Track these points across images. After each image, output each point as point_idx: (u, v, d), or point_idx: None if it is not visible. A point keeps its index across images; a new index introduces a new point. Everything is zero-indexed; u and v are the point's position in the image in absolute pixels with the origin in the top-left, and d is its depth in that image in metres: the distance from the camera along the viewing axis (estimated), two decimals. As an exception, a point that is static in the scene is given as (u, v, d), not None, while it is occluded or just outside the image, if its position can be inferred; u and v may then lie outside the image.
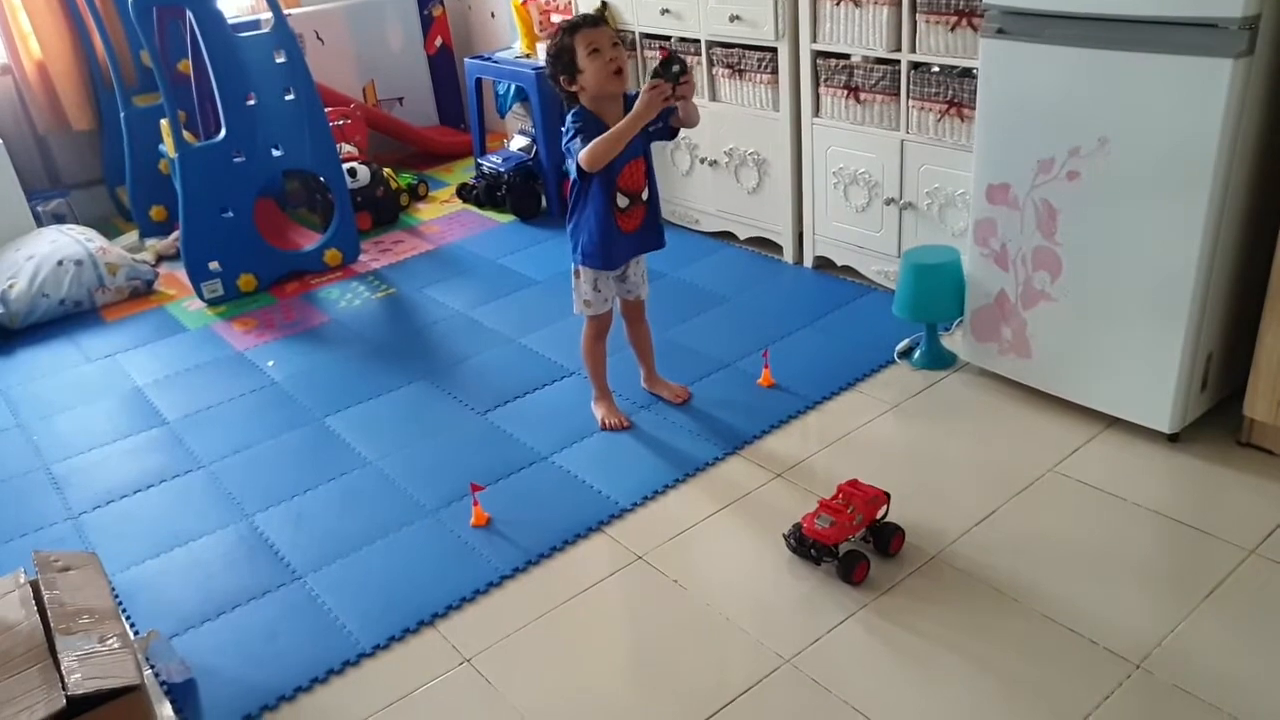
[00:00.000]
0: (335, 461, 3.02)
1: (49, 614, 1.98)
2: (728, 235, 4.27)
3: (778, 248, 4.05)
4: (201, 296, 4.16)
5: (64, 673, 1.81)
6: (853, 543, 2.37)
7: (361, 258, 4.51)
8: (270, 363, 3.69)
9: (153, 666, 2.20)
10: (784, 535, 2.41)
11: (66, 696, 1.76)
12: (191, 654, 2.28)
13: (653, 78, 2.53)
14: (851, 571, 2.27)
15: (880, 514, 2.38)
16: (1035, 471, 2.62)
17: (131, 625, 2.40)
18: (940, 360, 3.19)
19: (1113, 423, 2.76)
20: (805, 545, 2.35)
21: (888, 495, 2.39)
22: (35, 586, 2.09)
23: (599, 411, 3.06)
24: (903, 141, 3.35)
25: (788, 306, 3.67)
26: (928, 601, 2.23)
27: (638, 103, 2.54)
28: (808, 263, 3.94)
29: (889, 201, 3.47)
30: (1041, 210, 2.69)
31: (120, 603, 2.48)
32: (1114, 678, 1.98)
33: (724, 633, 2.21)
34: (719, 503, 2.66)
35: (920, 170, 3.34)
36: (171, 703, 2.15)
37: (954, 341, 3.22)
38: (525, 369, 3.45)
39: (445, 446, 3.05)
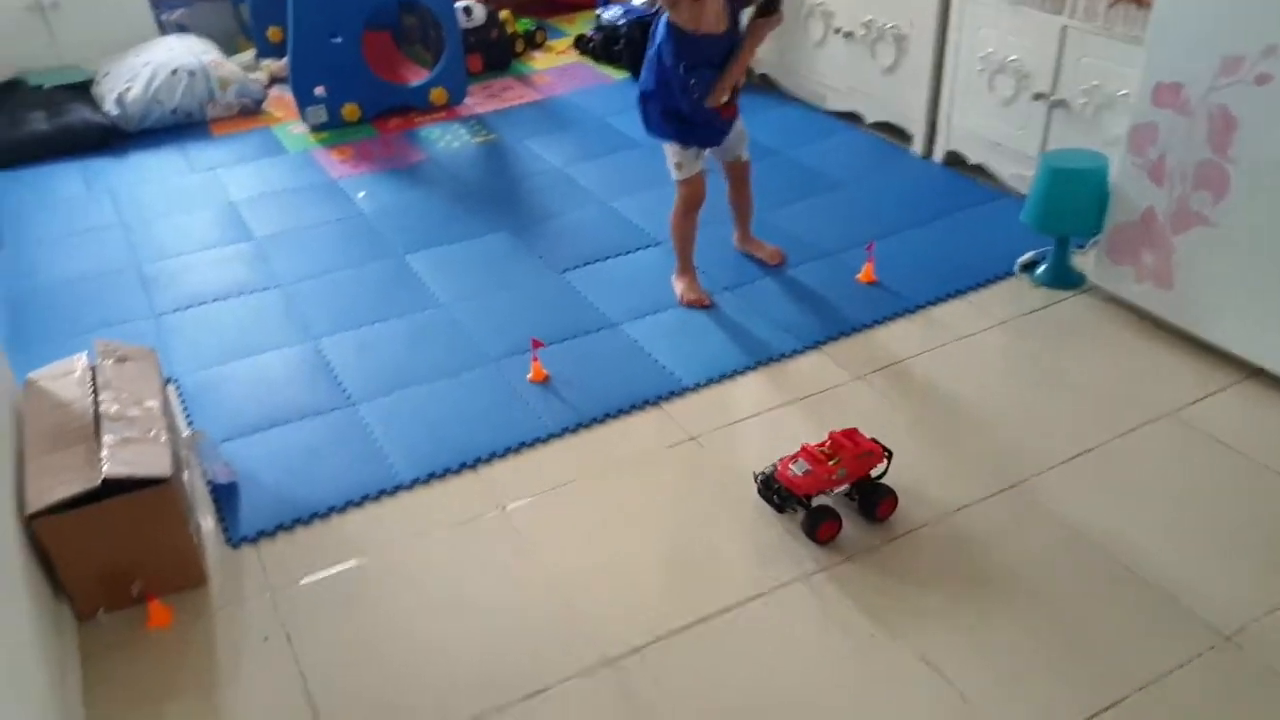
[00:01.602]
0: (407, 299, 2.97)
1: (100, 399, 1.99)
2: (853, 117, 3.95)
3: (906, 136, 3.72)
4: (305, 121, 4.12)
5: (104, 455, 1.82)
6: (831, 497, 2.08)
7: (467, 100, 4.38)
8: (361, 194, 3.64)
9: (200, 465, 2.22)
10: (754, 473, 2.12)
11: (103, 478, 1.77)
12: (240, 460, 2.29)
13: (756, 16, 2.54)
14: (816, 527, 1.99)
15: (875, 472, 2.08)
16: (1150, 413, 2.35)
17: (189, 423, 2.43)
18: (1066, 279, 2.88)
19: (1254, 373, 2.44)
20: (771, 489, 2.07)
21: (887, 453, 2.08)
22: (94, 372, 2.10)
23: (679, 286, 2.90)
24: (1065, 28, 2.95)
25: (906, 201, 3.38)
26: (898, 576, 1.94)
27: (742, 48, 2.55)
28: (937, 156, 3.61)
29: (1038, 96, 3.10)
30: (1216, 118, 2.32)
31: (183, 402, 2.51)
32: (1194, 646, 1.76)
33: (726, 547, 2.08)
34: (786, 396, 2.49)
35: (1079, 63, 2.95)
36: (214, 501, 2.18)
37: (1085, 261, 2.90)
38: (611, 232, 3.29)
39: (517, 299, 2.95)
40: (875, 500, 2.06)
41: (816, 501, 2.03)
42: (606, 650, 1.81)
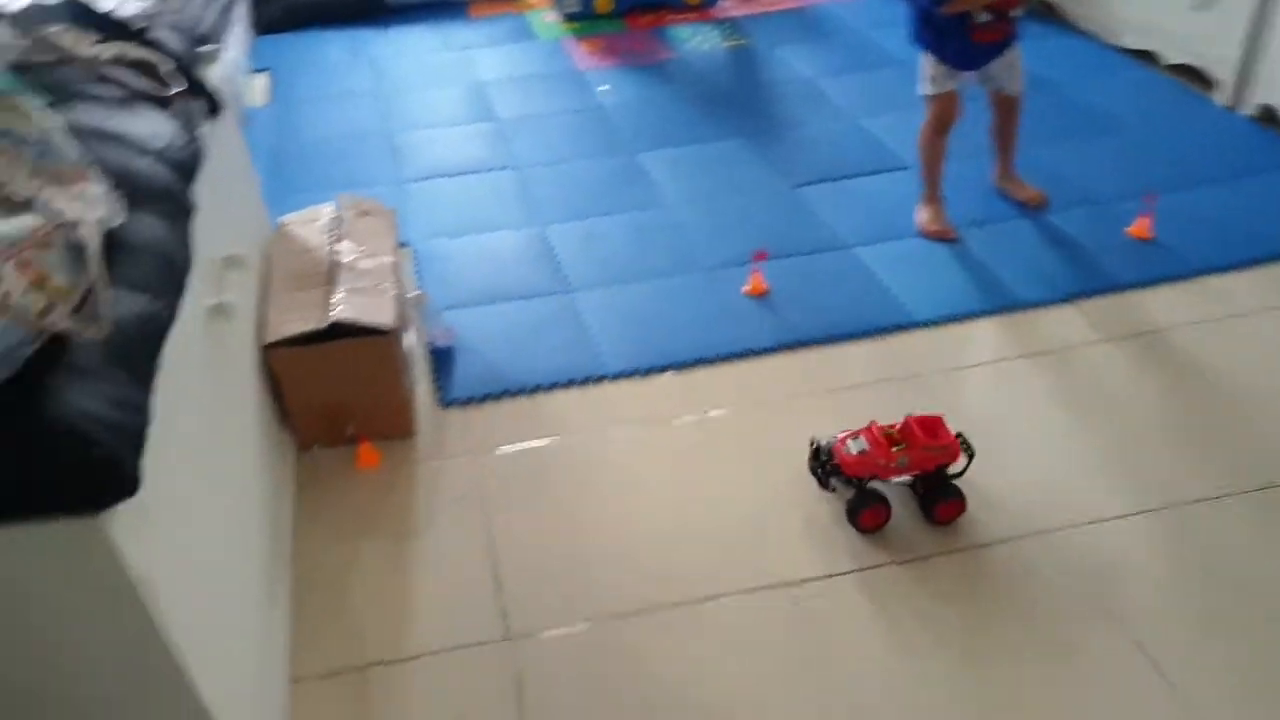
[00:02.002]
0: (635, 196, 2.92)
1: (339, 248, 2.07)
2: (1147, 56, 3.49)
3: (1209, 82, 3.25)
4: (558, 9, 4.13)
5: (335, 300, 1.90)
6: (888, 486, 1.85)
7: (722, 2, 4.23)
8: (604, 87, 3.61)
9: (422, 326, 2.30)
10: (811, 439, 1.90)
11: (331, 320, 1.84)
12: (460, 327, 2.35)
13: None
14: (858, 512, 1.80)
15: (946, 469, 1.83)
16: None
17: (417, 285, 2.51)
18: (1386, 264, 2.44)
19: None
20: (819, 460, 1.86)
21: (968, 451, 1.83)
22: (336, 223, 2.19)
23: (923, 215, 2.69)
24: None
25: (1199, 154, 2.96)
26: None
27: None
28: (1246, 109, 3.13)
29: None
30: None
31: (415, 266, 2.60)
32: None
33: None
34: (1023, 348, 2.26)
35: None
36: (431, 362, 2.25)
37: None
38: (856, 151, 3.09)
39: (744, 209, 2.84)
40: (936, 499, 1.81)
41: (870, 485, 1.82)
42: (783, 574, 1.73)
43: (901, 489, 1.87)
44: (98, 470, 0.93)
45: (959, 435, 1.83)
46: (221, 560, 1.37)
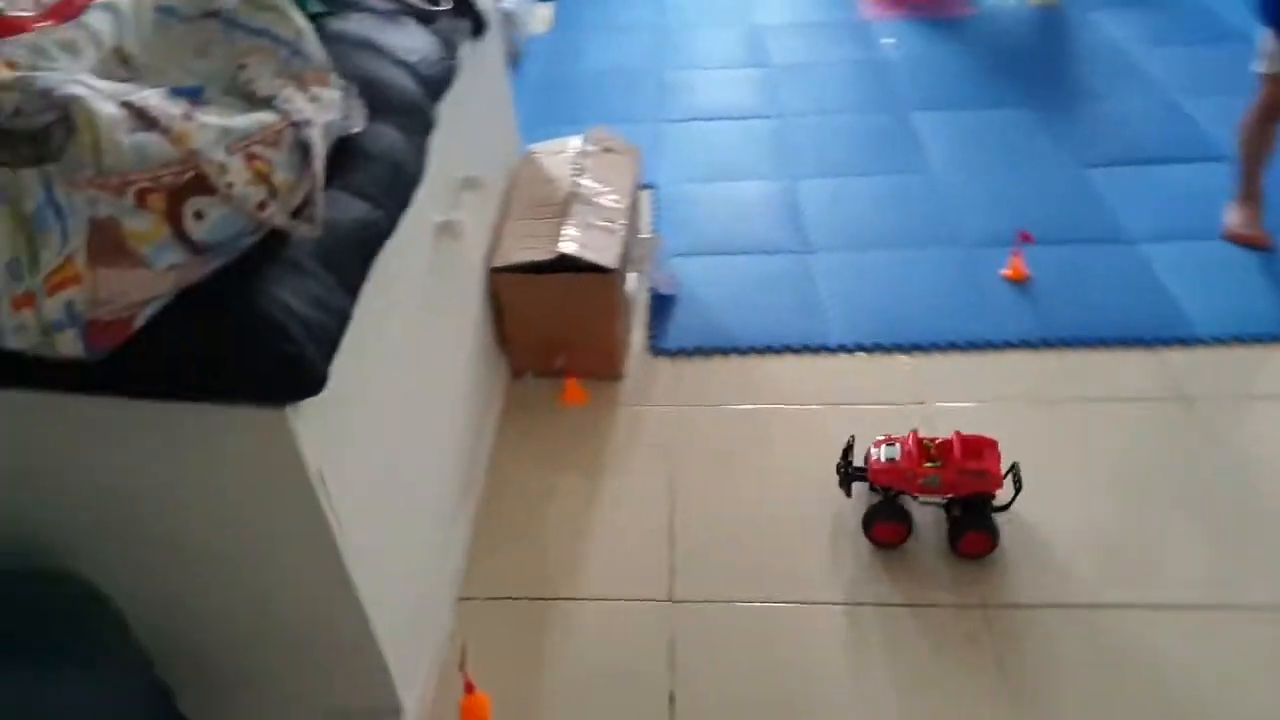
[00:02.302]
0: (898, 157, 2.74)
1: (579, 182, 2.09)
2: None
3: None
4: (855, -48, 3.91)
5: (565, 233, 1.92)
6: (918, 503, 1.68)
7: (1039, -46, 3.83)
8: (889, 40, 3.40)
9: (648, 270, 2.28)
10: (850, 437, 1.73)
11: (557, 253, 1.86)
12: (686, 276, 2.32)
13: None
14: (873, 522, 1.66)
15: (984, 497, 1.63)
16: None
17: (654, 229, 2.50)
18: None
19: None
20: (847, 459, 1.70)
21: (1016, 484, 1.63)
22: (583, 155, 2.20)
23: (1233, 215, 2.31)
24: None
25: None
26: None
27: None
28: None
29: None
30: None
31: (655, 208, 2.59)
32: None
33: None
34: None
35: None
36: (650, 307, 2.23)
37: None
38: (1164, 133, 2.71)
39: (1019, 185, 2.57)
40: (965, 528, 1.63)
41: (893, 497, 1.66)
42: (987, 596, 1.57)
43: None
44: (287, 364, 0.97)
45: (1013, 466, 1.64)
46: (409, 469, 1.42)
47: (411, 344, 1.43)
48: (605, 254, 1.90)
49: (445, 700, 1.46)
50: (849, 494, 1.71)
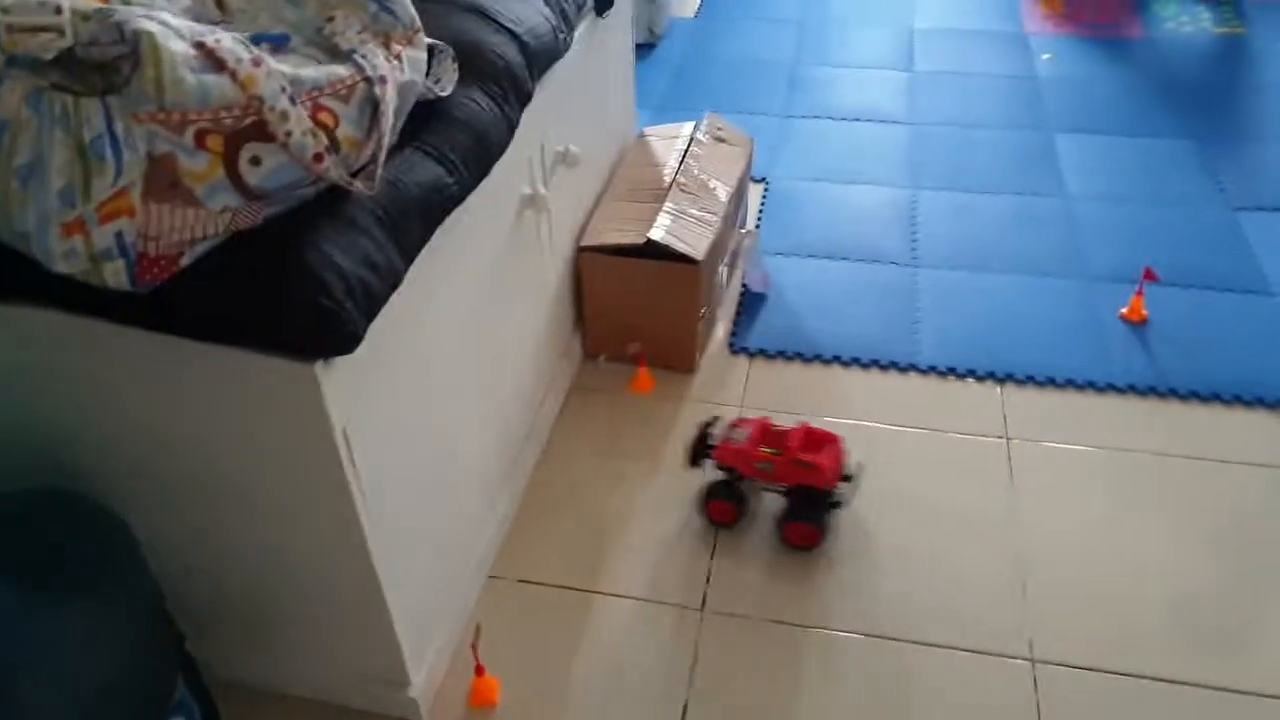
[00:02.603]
0: (1032, 178, 2.60)
1: (683, 168, 2.07)
2: None
3: None
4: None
5: (657, 218, 1.91)
6: (758, 488, 1.72)
7: (1230, -23, 3.55)
8: (1046, 56, 3.22)
9: (743, 265, 2.25)
10: (713, 418, 1.75)
11: (646, 238, 1.86)
12: (782, 275, 2.27)
13: None
14: (707, 501, 1.70)
15: (818, 489, 1.63)
16: None
17: (758, 223, 2.46)
18: None
19: None
20: (702, 436, 1.70)
21: (847, 478, 1.64)
22: (693, 142, 2.18)
23: (1400, 279, 2.10)
24: None
25: None
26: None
27: None
28: None
29: None
30: None
31: (763, 202, 2.54)
32: None
33: None
34: None
35: None
36: (739, 304, 2.20)
37: None
38: (1336, 182, 2.48)
39: (1159, 221, 2.40)
40: (789, 517, 1.65)
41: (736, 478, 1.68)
42: (1012, 646, 1.48)
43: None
44: (322, 319, 1.00)
45: (855, 468, 1.66)
46: (454, 439, 1.43)
47: (476, 314, 1.45)
48: (694, 245, 1.88)
49: (457, 678, 1.47)
50: (696, 466, 1.71)
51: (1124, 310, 2.11)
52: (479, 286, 1.45)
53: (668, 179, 2.04)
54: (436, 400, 1.35)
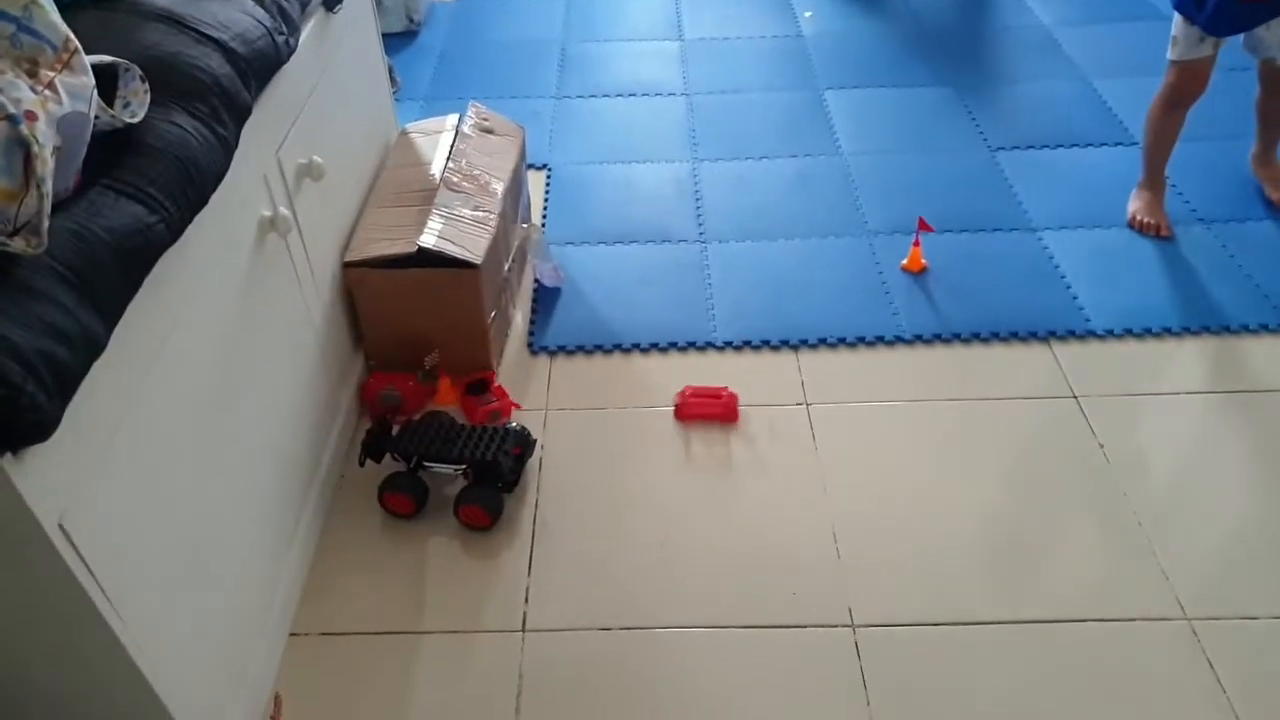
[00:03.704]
0: (807, 139, 2.63)
1: (450, 165, 1.95)
2: None
3: None
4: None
5: (428, 223, 1.78)
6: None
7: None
8: (808, 14, 3.28)
9: (532, 261, 2.16)
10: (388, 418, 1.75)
11: (416, 247, 1.73)
12: (574, 265, 2.20)
13: None
14: (382, 493, 1.65)
15: (494, 470, 1.62)
16: None
17: (544, 213, 2.38)
18: None
19: None
20: (375, 429, 1.70)
21: (524, 440, 1.70)
22: (458, 135, 2.07)
23: (1135, 202, 2.25)
24: None
25: None
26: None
27: None
28: None
29: None
30: None
31: (547, 190, 2.46)
32: None
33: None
34: (1225, 383, 1.85)
35: None
36: (533, 301, 2.12)
37: None
38: (1076, 116, 2.64)
39: (927, 169, 2.48)
40: (464, 494, 1.63)
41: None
42: (834, 616, 1.49)
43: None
44: (4, 410, 0.84)
45: (523, 427, 1.72)
46: (216, 497, 1.28)
47: (221, 359, 1.30)
48: (471, 247, 1.77)
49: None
50: (375, 461, 1.68)
51: (904, 262, 2.16)
52: (219, 329, 1.29)
53: (435, 178, 1.92)
54: (186, 463, 1.19)
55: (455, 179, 1.92)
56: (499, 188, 1.95)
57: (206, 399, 1.25)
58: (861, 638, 1.47)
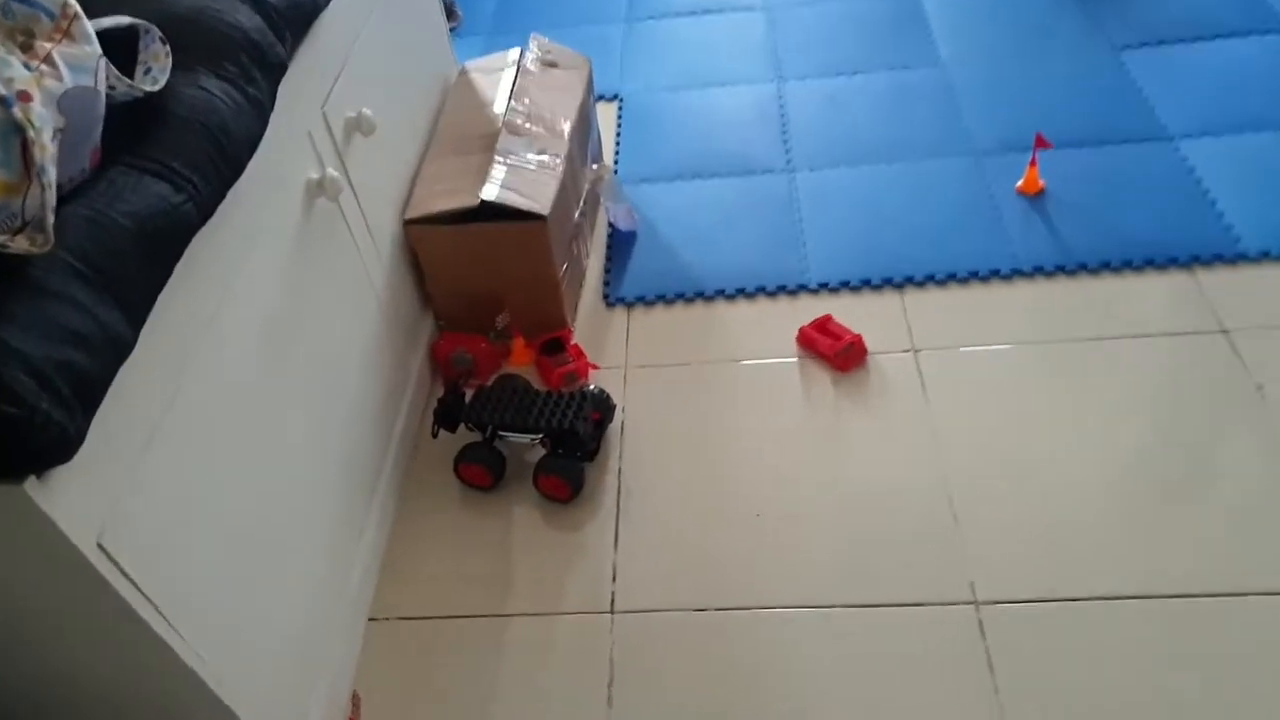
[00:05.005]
0: (902, 49, 2.39)
1: (512, 106, 1.81)
2: None
3: None
4: None
5: (491, 171, 1.65)
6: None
7: None
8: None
9: (604, 204, 2.02)
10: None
11: (480, 199, 1.60)
12: (651, 207, 2.04)
13: None
14: (457, 463, 1.55)
15: (574, 429, 1.50)
16: None
17: (615, 148, 2.22)
18: None
19: None
20: (448, 395, 1.59)
21: (598, 403, 1.58)
22: (520, 72, 1.91)
23: (1295, 99, 1.97)
24: None
25: None
26: None
27: None
28: None
29: None
30: None
31: (619, 122, 2.30)
32: None
33: None
34: None
35: None
36: (607, 247, 1.98)
37: None
38: (1216, 3, 2.32)
39: (1042, 77, 2.22)
40: (543, 464, 1.52)
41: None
42: (953, 592, 1.34)
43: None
44: (10, 432, 0.75)
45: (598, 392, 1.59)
46: (274, 490, 1.20)
47: (272, 334, 1.20)
48: (537, 197, 1.63)
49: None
50: (450, 431, 1.59)
51: (1019, 184, 1.94)
52: (267, 308, 1.19)
53: (497, 121, 1.78)
54: (237, 458, 1.11)
55: (518, 121, 1.78)
56: (565, 127, 1.80)
57: (256, 385, 1.15)
58: (986, 616, 1.32)
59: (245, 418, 1.13)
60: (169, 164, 0.98)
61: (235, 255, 1.11)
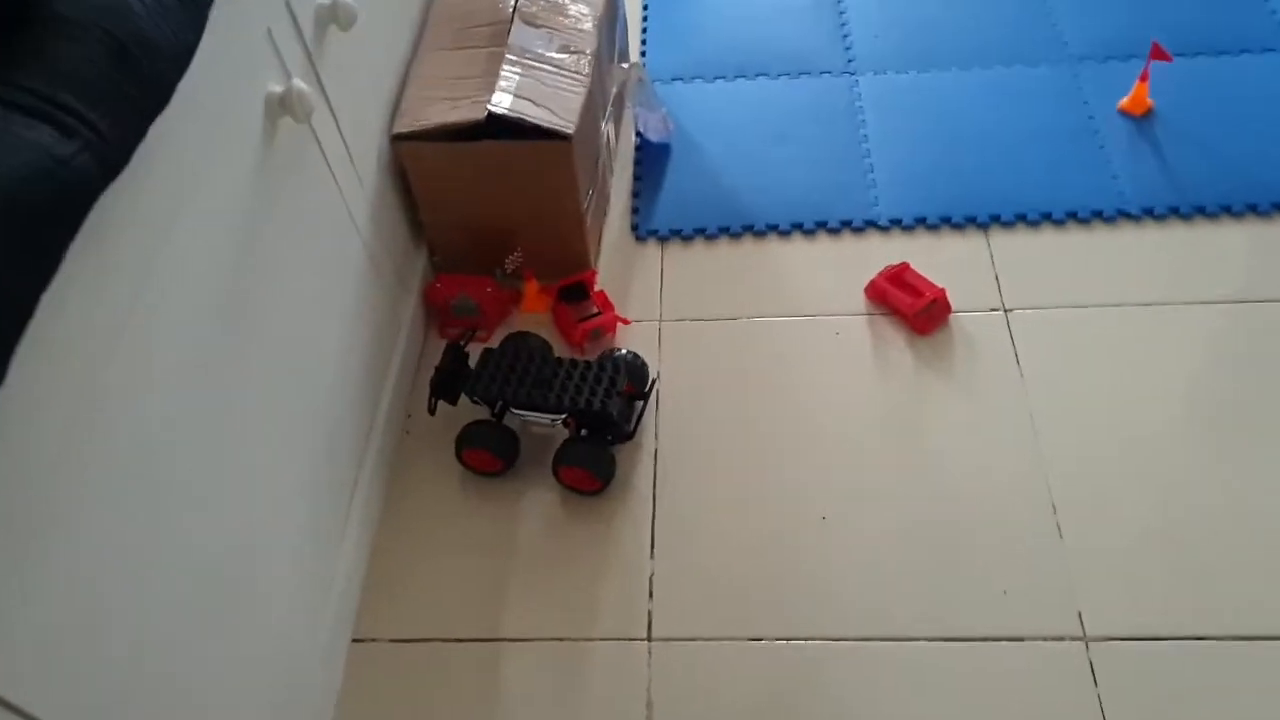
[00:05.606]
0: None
1: (525, -15, 1.46)
2: None
3: None
4: None
5: (502, 76, 1.32)
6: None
7: None
8: None
9: (633, 110, 1.69)
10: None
11: (489, 111, 1.28)
12: (686, 111, 1.72)
13: None
14: (460, 447, 1.27)
15: (595, 407, 1.22)
16: None
17: (642, 45, 1.87)
18: None
19: None
20: (447, 361, 1.32)
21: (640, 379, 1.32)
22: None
23: None
24: None
25: None
26: None
27: None
28: None
29: None
30: None
31: (645, 12, 1.94)
32: None
33: None
34: None
35: None
36: (636, 164, 1.66)
37: None
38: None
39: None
40: (563, 453, 1.24)
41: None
42: (1060, 624, 1.12)
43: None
44: None
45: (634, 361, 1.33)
46: (229, 500, 0.94)
47: (224, 312, 0.91)
48: (560, 110, 1.31)
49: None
50: (450, 403, 1.32)
51: (1123, 101, 1.63)
52: (218, 267, 0.90)
53: (508, 7, 1.43)
54: (182, 464, 0.84)
55: (533, 9, 1.43)
56: (589, 19, 1.46)
57: (204, 367, 0.88)
58: (1097, 654, 1.10)
59: (191, 411, 0.85)
60: (53, 98, 0.67)
61: (167, 207, 0.81)
